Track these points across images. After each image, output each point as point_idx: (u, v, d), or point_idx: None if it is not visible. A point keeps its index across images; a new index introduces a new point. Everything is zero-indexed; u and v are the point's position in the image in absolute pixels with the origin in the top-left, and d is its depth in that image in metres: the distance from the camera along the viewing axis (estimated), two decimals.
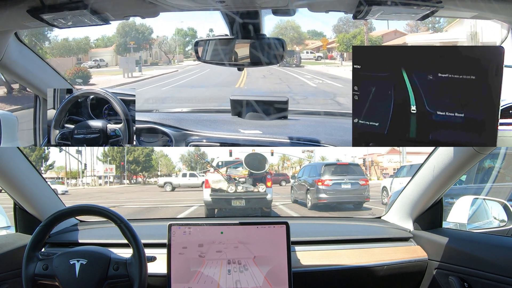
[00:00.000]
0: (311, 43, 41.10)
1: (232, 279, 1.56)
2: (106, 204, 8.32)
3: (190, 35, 43.55)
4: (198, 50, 1.77)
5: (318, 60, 36.49)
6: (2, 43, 1.50)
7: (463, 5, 1.19)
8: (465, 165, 1.56)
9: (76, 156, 36.60)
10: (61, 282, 1.38)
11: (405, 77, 1.09)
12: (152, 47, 41.02)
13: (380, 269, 1.74)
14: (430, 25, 31.97)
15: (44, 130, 1.98)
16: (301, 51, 37.72)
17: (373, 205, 10.97)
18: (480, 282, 1.52)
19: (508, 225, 2.03)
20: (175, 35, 43.06)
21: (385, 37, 33.69)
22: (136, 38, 39.70)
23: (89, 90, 1.75)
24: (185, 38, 43.14)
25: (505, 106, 2.35)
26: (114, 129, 1.69)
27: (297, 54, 35.41)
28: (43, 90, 1.88)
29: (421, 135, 1.10)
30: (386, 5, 1.15)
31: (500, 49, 1.01)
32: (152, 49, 41.29)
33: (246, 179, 8.62)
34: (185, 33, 44.01)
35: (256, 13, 1.49)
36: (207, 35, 6.38)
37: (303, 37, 41.17)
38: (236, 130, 1.94)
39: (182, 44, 42.96)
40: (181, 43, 42.75)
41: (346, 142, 1.76)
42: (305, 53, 37.53)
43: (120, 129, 1.68)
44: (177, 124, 1.98)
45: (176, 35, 43.27)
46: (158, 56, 41.50)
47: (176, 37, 42.58)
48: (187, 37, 43.31)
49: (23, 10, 1.21)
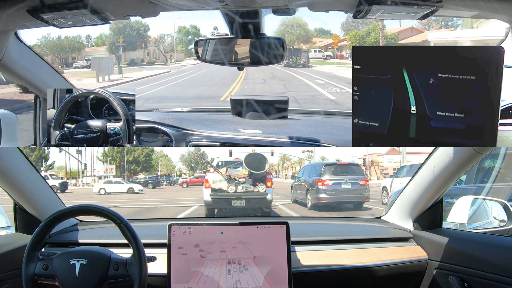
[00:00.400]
0: (318, 41, 38.72)
1: (232, 279, 1.56)
2: (106, 204, 8.33)
3: (192, 33, 42.15)
4: (198, 50, 1.77)
5: (327, 60, 34.37)
6: (2, 43, 1.50)
7: (463, 4, 1.19)
8: (465, 165, 1.56)
9: (76, 156, 36.58)
10: (61, 282, 1.38)
11: (405, 78, 1.08)
12: (148, 46, 39.44)
13: (380, 269, 1.74)
14: (443, 23, 30.12)
15: (44, 130, 1.98)
16: (308, 49, 35.09)
17: (373, 205, 10.97)
18: (480, 282, 1.52)
19: (508, 225, 2.03)
20: (177, 33, 41.66)
21: (401, 34, 31.49)
22: (130, 36, 37.95)
23: (89, 90, 1.75)
24: (187, 36, 41.73)
25: (505, 106, 2.35)
26: (114, 127, 1.69)
27: (305, 53, 32.65)
28: (43, 90, 1.88)
29: (421, 135, 1.10)
30: (386, 4, 1.15)
31: (500, 49, 1.01)
32: (149, 48, 39.72)
33: (246, 179, 8.61)
34: (187, 31, 42.65)
35: (256, 13, 1.49)
36: (211, 33, 6.20)
37: (310, 35, 38.97)
38: (236, 129, 1.94)
39: (183, 42, 41.25)
40: (180, 42, 41.31)
41: (346, 142, 1.76)
42: (312, 51, 35.05)
43: (120, 127, 1.68)
44: (177, 124, 1.98)
45: (178, 33, 41.77)
46: (156, 55, 40.07)
47: (175, 35, 41.20)
48: (190, 35, 41.89)
49: (23, 10, 1.21)
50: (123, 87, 20.87)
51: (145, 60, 39.06)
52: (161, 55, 39.99)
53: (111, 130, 1.69)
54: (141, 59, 39.15)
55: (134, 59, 38.62)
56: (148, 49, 39.82)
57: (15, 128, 2.24)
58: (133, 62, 38.04)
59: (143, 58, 39.32)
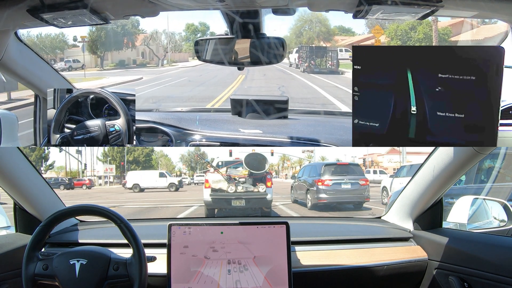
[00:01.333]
0: (341, 40, 32.81)
1: (232, 279, 1.56)
2: (106, 204, 8.33)
3: (201, 31, 37.93)
4: (198, 50, 1.77)
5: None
6: (2, 43, 1.50)
7: (463, 4, 1.19)
8: (465, 165, 1.56)
9: (76, 156, 36.59)
10: (61, 282, 1.38)
11: (405, 78, 1.08)
12: (139, 45, 34.74)
13: (380, 269, 1.74)
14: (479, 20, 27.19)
15: (44, 130, 1.98)
16: (332, 48, 26.01)
17: (373, 205, 10.97)
18: (480, 282, 1.52)
19: (508, 225, 2.03)
20: (184, 31, 37.79)
21: (454, 29, 24.76)
22: (116, 33, 32.36)
23: (89, 90, 1.75)
24: (196, 34, 37.33)
25: (505, 107, 2.35)
26: (113, 124, 1.68)
27: (333, 53, 24.07)
28: (43, 90, 1.88)
29: (421, 136, 1.10)
30: (386, 4, 1.15)
31: (500, 49, 1.01)
32: (144, 47, 35.03)
33: (246, 179, 8.61)
34: (195, 29, 38.49)
35: (256, 12, 1.49)
36: (225, 31, 5.78)
37: (331, 32, 32.74)
38: (236, 129, 1.93)
39: (192, 41, 35.99)
40: (188, 40, 37.14)
41: (347, 142, 1.76)
42: (338, 51, 25.91)
43: (119, 124, 1.67)
44: (177, 124, 1.98)
45: (186, 30, 37.65)
46: (151, 56, 35.58)
47: (168, 32, 36.89)
48: (198, 33, 37.57)
49: (23, 9, 1.21)
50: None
51: (138, 61, 34.64)
52: (155, 56, 35.68)
53: (111, 127, 1.68)
54: (133, 59, 34.57)
55: (124, 60, 33.54)
56: (143, 49, 35.57)
57: (15, 128, 2.25)
58: (122, 63, 32.98)
59: (135, 59, 34.80)
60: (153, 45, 36.43)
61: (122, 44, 33.63)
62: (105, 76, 25.72)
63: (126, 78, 23.49)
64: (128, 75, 25.09)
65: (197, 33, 38.04)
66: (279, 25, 7.22)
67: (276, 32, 11.77)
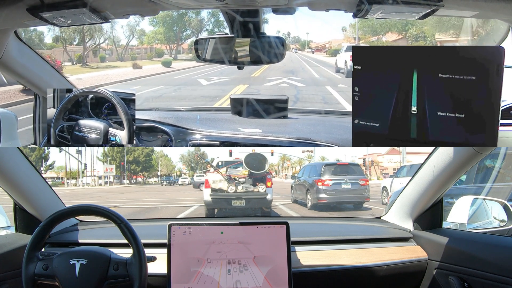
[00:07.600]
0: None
1: (232, 279, 1.56)
2: (106, 204, 8.33)
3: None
4: (198, 49, 1.77)
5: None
6: (1, 42, 1.50)
7: (463, 4, 1.19)
8: (465, 165, 1.56)
9: (76, 156, 36.60)
10: (61, 282, 1.37)
11: (406, 78, 1.08)
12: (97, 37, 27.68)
13: (380, 269, 1.74)
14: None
15: (44, 129, 1.98)
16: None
17: (373, 205, 10.97)
18: (480, 282, 1.52)
19: (508, 225, 2.03)
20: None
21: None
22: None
23: (89, 89, 1.75)
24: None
25: (505, 107, 2.35)
26: (115, 135, 1.68)
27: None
28: (43, 89, 1.88)
29: (422, 136, 1.10)
30: (387, 3, 1.15)
31: (500, 49, 1.00)
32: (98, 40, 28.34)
33: (246, 179, 8.61)
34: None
35: (256, 12, 1.49)
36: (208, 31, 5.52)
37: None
38: (236, 128, 1.93)
39: (185, 39, 30.99)
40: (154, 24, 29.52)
41: (347, 141, 1.76)
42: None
43: (121, 136, 1.67)
44: (176, 123, 1.98)
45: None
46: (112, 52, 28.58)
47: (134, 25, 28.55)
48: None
49: (23, 8, 1.21)
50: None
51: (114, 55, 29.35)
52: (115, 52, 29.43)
53: (112, 137, 1.68)
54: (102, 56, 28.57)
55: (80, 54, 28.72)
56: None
57: (15, 128, 2.24)
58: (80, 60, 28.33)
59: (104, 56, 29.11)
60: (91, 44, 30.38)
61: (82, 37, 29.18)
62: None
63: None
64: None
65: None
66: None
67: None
